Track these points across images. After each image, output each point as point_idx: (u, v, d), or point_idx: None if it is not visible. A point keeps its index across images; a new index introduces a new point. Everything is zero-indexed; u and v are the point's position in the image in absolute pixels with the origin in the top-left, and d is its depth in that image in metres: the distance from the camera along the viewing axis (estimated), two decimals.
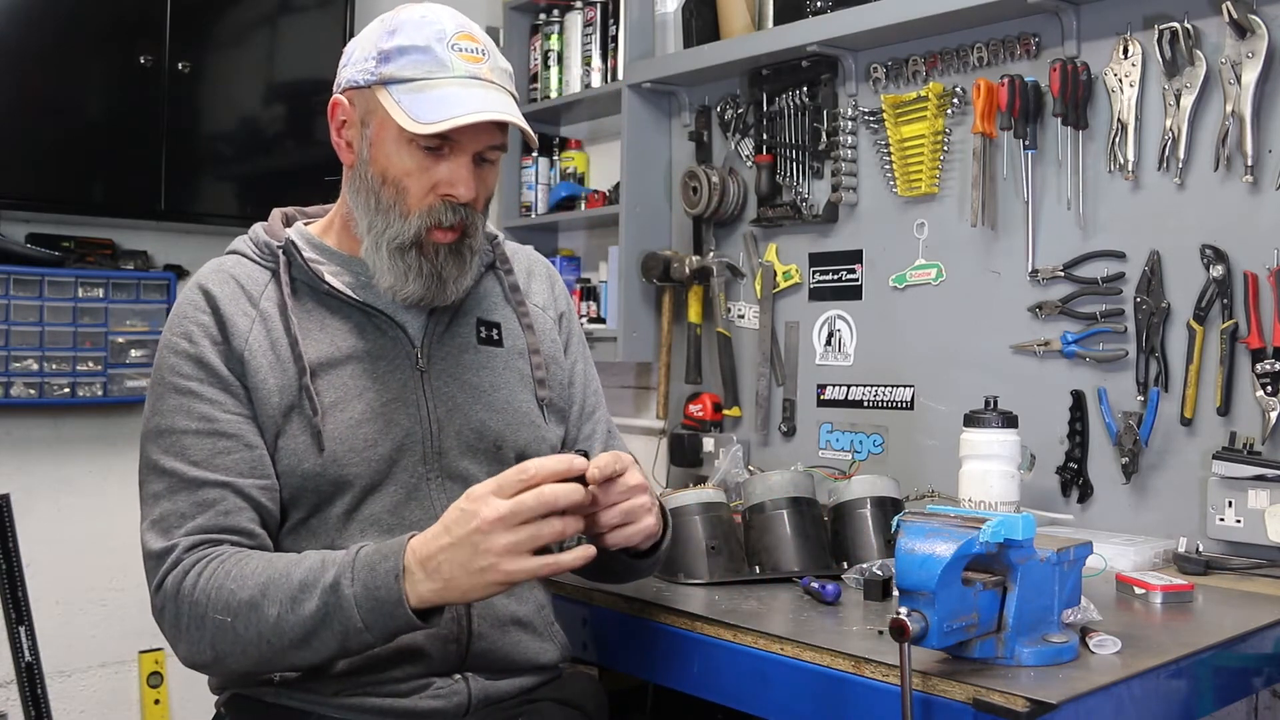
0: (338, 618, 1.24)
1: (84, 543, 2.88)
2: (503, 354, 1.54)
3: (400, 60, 1.38)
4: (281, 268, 1.45)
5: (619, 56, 3.01)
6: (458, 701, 1.40)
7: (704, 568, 1.74)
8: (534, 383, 1.55)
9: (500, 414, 1.49)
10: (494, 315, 1.56)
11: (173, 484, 1.35)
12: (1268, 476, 1.88)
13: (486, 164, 1.44)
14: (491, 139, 1.41)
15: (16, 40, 2.58)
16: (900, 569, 1.23)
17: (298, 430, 1.39)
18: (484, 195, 1.46)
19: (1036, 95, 2.21)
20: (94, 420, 2.89)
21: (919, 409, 2.43)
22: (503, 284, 1.59)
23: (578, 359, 1.65)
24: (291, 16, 3.05)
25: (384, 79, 1.39)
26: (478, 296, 1.55)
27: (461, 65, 1.38)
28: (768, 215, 2.70)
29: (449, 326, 1.50)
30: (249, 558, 1.32)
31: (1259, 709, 1.89)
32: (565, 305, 1.67)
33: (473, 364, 1.50)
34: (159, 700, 2.98)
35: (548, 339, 1.61)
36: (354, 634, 1.25)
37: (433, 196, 1.40)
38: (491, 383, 1.51)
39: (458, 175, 1.40)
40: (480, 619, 1.42)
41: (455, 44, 1.39)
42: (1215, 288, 1.99)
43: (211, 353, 1.40)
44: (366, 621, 1.23)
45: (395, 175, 1.40)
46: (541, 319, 1.61)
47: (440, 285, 1.44)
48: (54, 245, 2.75)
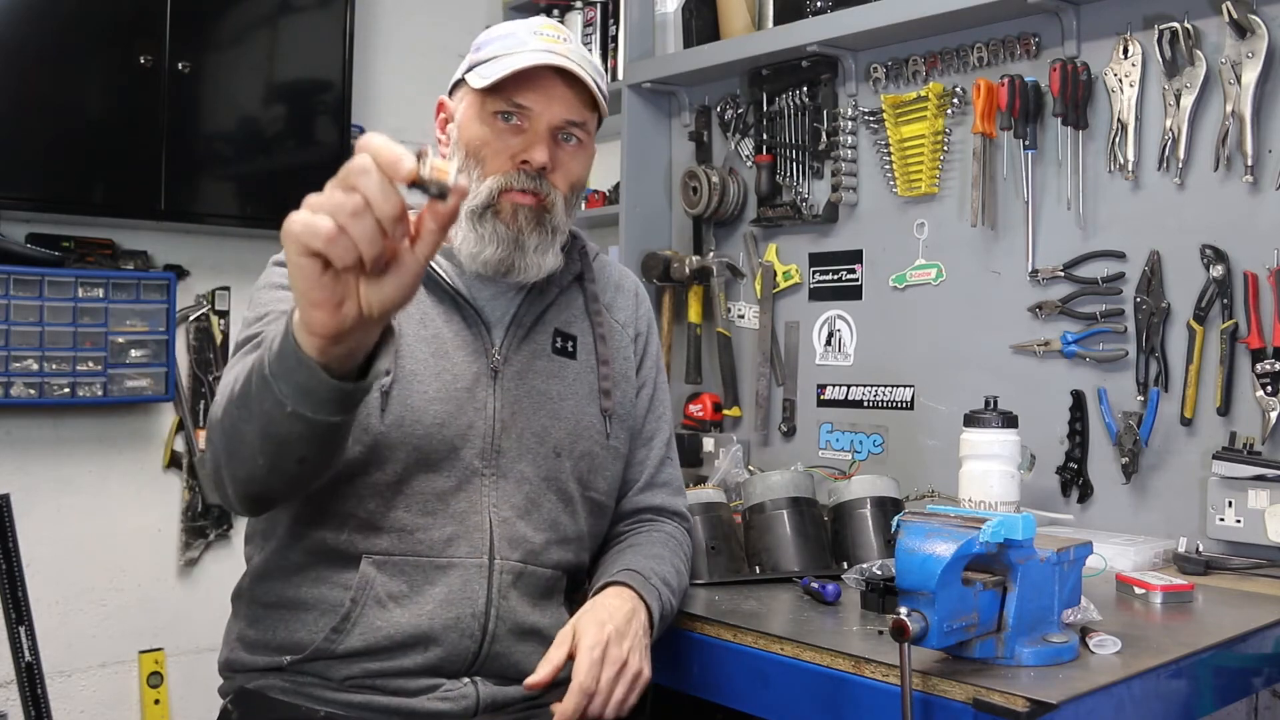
0: (256, 367, 1.12)
1: (84, 543, 2.88)
2: (575, 366, 1.56)
3: (487, 47, 1.48)
4: None
5: (619, 56, 3.01)
6: (465, 705, 1.40)
7: (704, 568, 1.75)
8: (600, 394, 1.56)
9: (563, 422, 1.51)
10: (572, 328, 1.57)
11: (256, 343, 1.35)
12: (1268, 476, 1.88)
13: (570, 142, 1.48)
14: (566, 110, 1.45)
15: (16, 40, 2.58)
16: (900, 569, 1.23)
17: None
18: (564, 174, 1.48)
19: (1036, 95, 2.21)
20: (94, 420, 2.89)
21: (919, 409, 2.43)
22: (585, 295, 1.61)
23: (648, 382, 1.66)
24: (291, 16, 3.05)
25: (472, 64, 1.48)
26: (559, 307, 1.57)
27: (538, 43, 1.45)
28: (768, 215, 2.70)
29: (529, 332, 1.53)
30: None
31: (1259, 709, 1.89)
32: (645, 327, 1.68)
33: (544, 371, 1.52)
34: (159, 700, 2.98)
35: (621, 355, 1.62)
36: (267, 392, 1.09)
37: (510, 164, 1.45)
38: (560, 392, 1.52)
39: (531, 142, 1.44)
40: (499, 622, 1.42)
41: (539, 30, 1.48)
42: (1215, 288, 1.99)
43: None
44: (273, 368, 1.08)
45: (476, 146, 1.46)
46: (619, 334, 1.63)
47: (520, 252, 1.45)
48: (54, 245, 2.76)
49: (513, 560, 1.44)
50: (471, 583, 1.41)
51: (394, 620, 1.38)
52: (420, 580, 1.40)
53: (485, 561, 1.42)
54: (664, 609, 1.46)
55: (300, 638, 1.39)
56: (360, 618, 1.37)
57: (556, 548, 1.49)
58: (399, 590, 1.39)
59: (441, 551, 1.40)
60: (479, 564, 1.42)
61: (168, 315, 2.86)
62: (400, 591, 1.39)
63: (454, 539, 1.41)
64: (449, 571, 1.40)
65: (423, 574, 1.40)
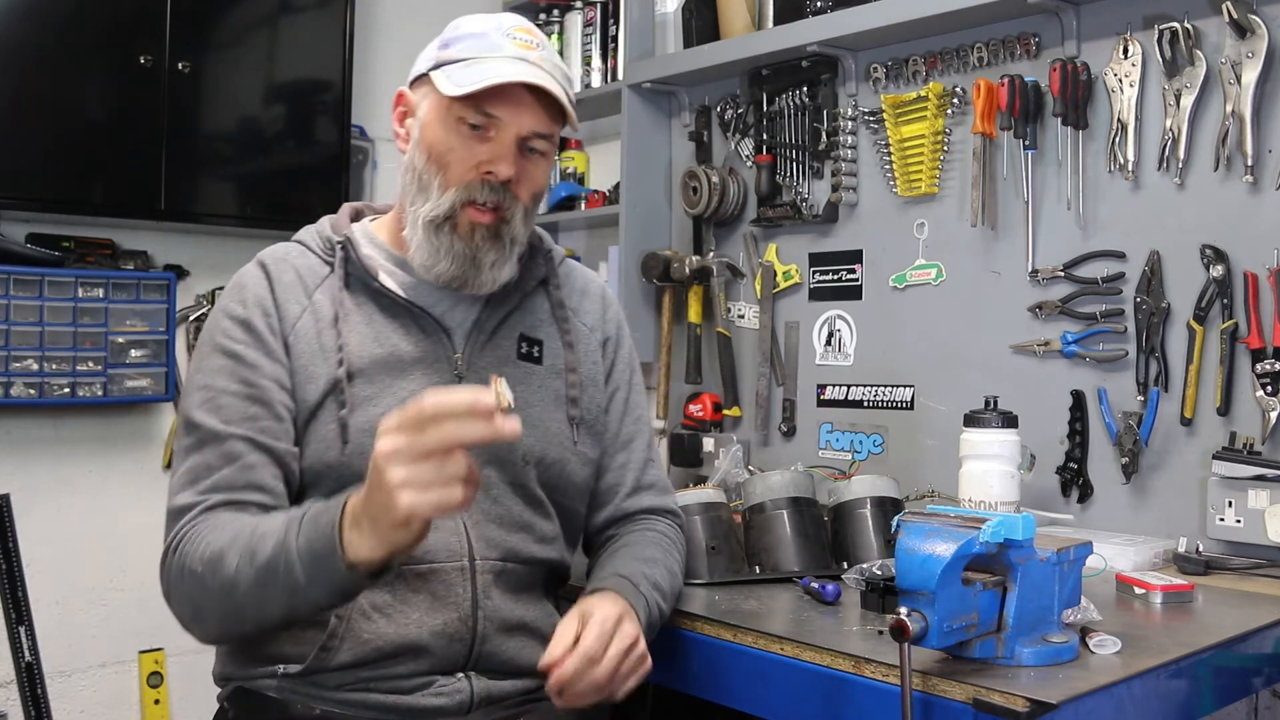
0: (283, 571, 1.22)
1: (84, 543, 2.88)
2: (541, 372, 1.54)
3: (457, 45, 1.44)
4: (338, 263, 1.47)
5: (619, 56, 3.01)
6: (460, 700, 1.40)
7: (704, 568, 1.74)
8: (567, 401, 1.55)
9: (530, 430, 1.49)
10: (537, 333, 1.56)
11: (204, 436, 1.38)
12: (1268, 476, 1.88)
13: (534, 154, 1.46)
14: (536, 123, 1.43)
15: (16, 40, 2.58)
16: (900, 569, 1.22)
17: (328, 419, 1.40)
18: (528, 186, 1.46)
19: (1036, 95, 2.21)
20: (94, 420, 2.89)
21: (919, 409, 2.43)
22: (550, 300, 1.59)
23: (620, 386, 1.64)
24: (291, 16, 3.05)
25: (440, 62, 1.44)
26: (524, 312, 1.56)
27: (512, 48, 1.42)
28: (768, 215, 2.70)
29: (491, 338, 1.51)
30: (237, 515, 1.32)
31: (1259, 709, 1.89)
32: (614, 330, 1.66)
33: (510, 377, 1.49)
34: (159, 700, 2.98)
35: (588, 360, 1.60)
36: (299, 590, 1.22)
37: (474, 174, 1.43)
38: (525, 399, 1.50)
39: (498, 153, 1.42)
40: (487, 621, 1.42)
41: (511, 33, 1.44)
42: (1215, 288, 1.99)
43: (261, 321, 1.43)
44: (309, 575, 1.20)
45: (439, 151, 1.43)
46: (586, 339, 1.61)
47: (475, 268, 1.45)
48: (54, 245, 2.75)
49: (492, 559, 1.44)
50: (454, 586, 1.41)
51: (381, 632, 1.37)
52: (403, 588, 1.39)
53: (465, 564, 1.42)
54: (652, 616, 1.45)
55: (287, 651, 1.39)
56: (348, 632, 1.37)
57: (534, 545, 1.49)
58: (382, 600, 1.38)
59: (421, 559, 1.39)
60: (459, 566, 1.42)
61: (168, 315, 2.86)
62: (384, 601, 1.38)
63: (431, 545, 1.39)
64: (430, 578, 1.40)
65: (404, 582, 1.39)
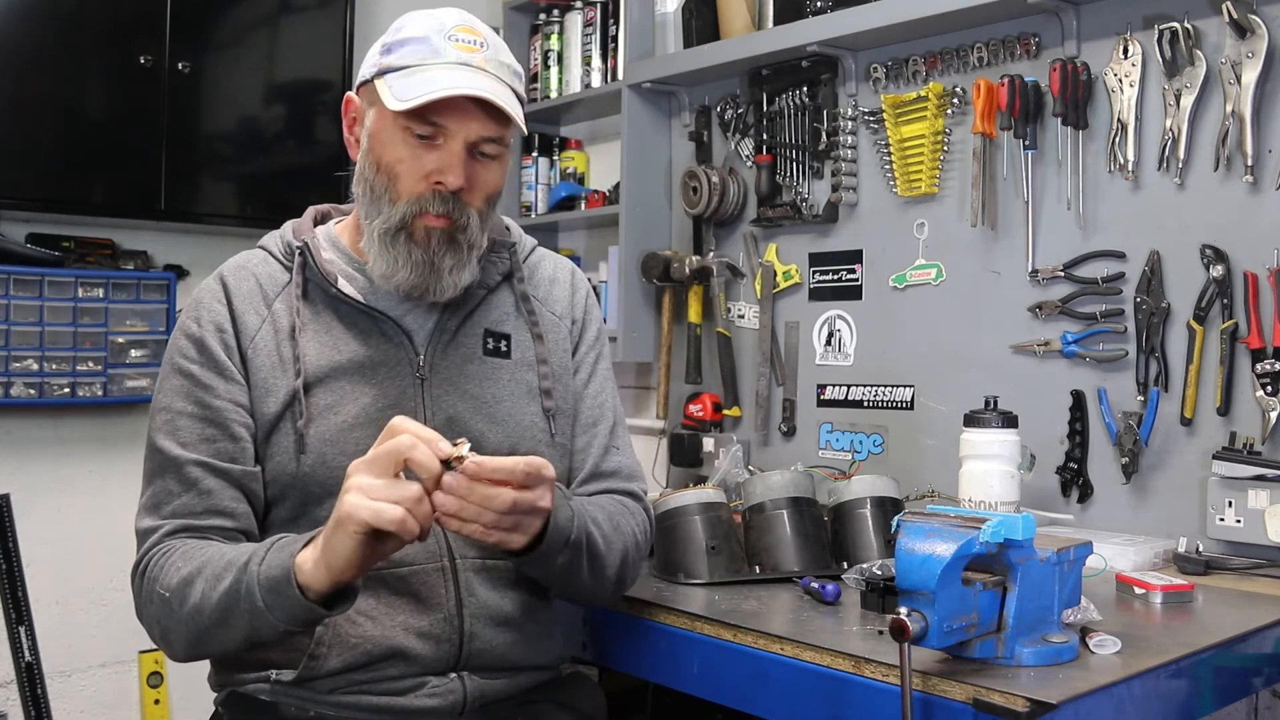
0: (245, 597, 1.24)
1: (84, 543, 2.88)
2: (509, 366, 1.52)
3: (400, 51, 1.40)
4: (295, 269, 1.46)
5: (619, 56, 3.01)
6: (453, 700, 1.40)
7: (704, 568, 1.74)
8: (540, 393, 1.53)
9: (501, 426, 1.48)
10: (504, 327, 1.53)
11: (164, 461, 1.38)
12: (1268, 476, 1.88)
13: (484, 159, 1.43)
14: (484, 129, 1.40)
15: (16, 40, 2.59)
16: (900, 569, 1.22)
17: (287, 430, 1.40)
18: (481, 190, 1.44)
19: (1036, 95, 2.21)
20: (94, 420, 2.89)
21: (919, 409, 2.43)
22: (515, 294, 1.57)
23: (583, 365, 1.60)
24: (291, 16, 3.05)
25: (383, 69, 1.41)
26: (488, 307, 1.54)
27: (454, 53, 1.39)
28: (768, 215, 2.70)
29: (455, 336, 1.49)
30: (207, 543, 1.33)
31: (1259, 709, 1.89)
32: (582, 313, 1.62)
33: (476, 375, 1.49)
34: (159, 700, 2.98)
35: (559, 350, 1.57)
36: (258, 614, 1.24)
37: (424, 185, 1.40)
38: (495, 395, 1.49)
39: (447, 163, 1.39)
40: (473, 619, 1.41)
41: (453, 35, 1.40)
42: (1215, 288, 1.99)
43: (215, 340, 1.42)
44: (267, 601, 1.23)
45: (389, 163, 1.41)
46: (556, 328, 1.58)
47: (435, 275, 1.43)
48: (54, 245, 2.76)
49: (472, 557, 1.43)
50: (436, 587, 1.40)
51: (368, 635, 1.37)
52: (385, 592, 1.39)
53: (445, 564, 1.41)
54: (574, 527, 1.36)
55: (277, 658, 1.38)
56: (335, 639, 1.36)
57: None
58: (366, 605, 1.37)
59: (399, 562, 1.38)
60: (438, 567, 1.41)
61: (168, 315, 2.86)
62: (368, 606, 1.38)
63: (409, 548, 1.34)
64: (411, 580, 1.39)
65: (385, 585, 1.39)
